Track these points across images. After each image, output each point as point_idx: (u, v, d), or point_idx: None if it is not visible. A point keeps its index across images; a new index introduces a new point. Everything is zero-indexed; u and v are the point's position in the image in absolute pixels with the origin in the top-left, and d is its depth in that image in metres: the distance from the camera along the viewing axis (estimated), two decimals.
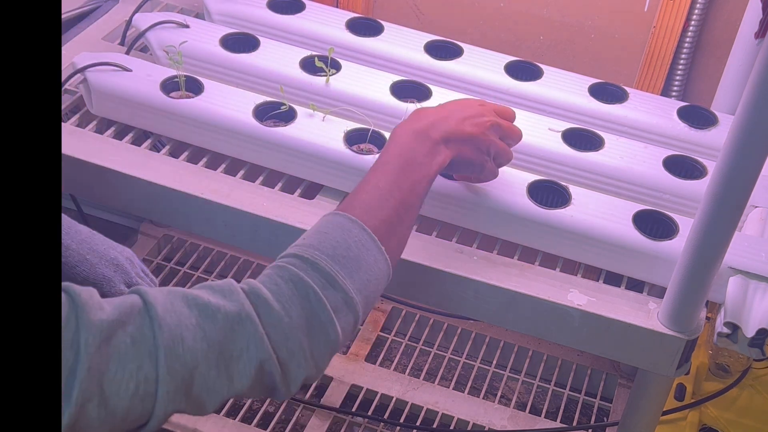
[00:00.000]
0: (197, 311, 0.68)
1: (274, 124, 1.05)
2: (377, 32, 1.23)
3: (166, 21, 1.18)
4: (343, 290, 0.75)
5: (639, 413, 1.04)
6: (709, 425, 1.41)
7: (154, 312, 0.66)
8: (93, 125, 1.10)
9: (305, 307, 0.73)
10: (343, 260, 0.75)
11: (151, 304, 0.67)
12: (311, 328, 0.73)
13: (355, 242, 0.77)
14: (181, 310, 0.68)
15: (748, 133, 0.75)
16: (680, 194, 1.04)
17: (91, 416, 0.62)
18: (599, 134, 1.10)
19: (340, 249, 0.76)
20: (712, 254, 0.84)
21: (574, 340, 0.97)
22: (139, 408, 0.65)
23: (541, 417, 1.49)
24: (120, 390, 0.63)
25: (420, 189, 0.85)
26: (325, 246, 0.76)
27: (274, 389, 0.73)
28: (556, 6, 1.38)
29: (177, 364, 0.66)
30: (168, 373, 0.65)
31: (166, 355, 0.65)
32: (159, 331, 0.65)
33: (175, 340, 0.66)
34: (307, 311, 0.73)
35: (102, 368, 0.62)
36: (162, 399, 0.65)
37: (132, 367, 0.64)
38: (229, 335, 0.69)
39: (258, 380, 0.71)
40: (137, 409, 0.65)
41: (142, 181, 1.02)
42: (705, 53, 1.36)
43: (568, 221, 0.98)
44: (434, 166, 0.86)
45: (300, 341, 0.72)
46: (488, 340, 1.62)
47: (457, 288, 0.97)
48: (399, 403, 1.50)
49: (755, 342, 0.91)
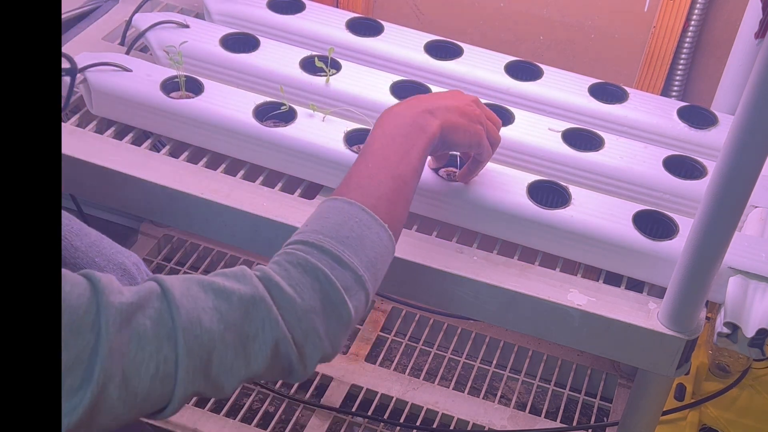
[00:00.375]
0: (213, 294, 0.70)
1: (274, 124, 1.05)
2: (377, 32, 1.23)
3: (166, 21, 1.18)
4: (351, 269, 0.76)
5: (639, 413, 1.04)
6: (709, 425, 1.41)
7: (171, 296, 0.67)
8: (93, 125, 1.10)
9: (316, 289, 0.74)
10: (347, 240, 0.77)
11: (168, 289, 0.68)
12: (324, 308, 0.74)
13: (356, 222, 0.78)
14: (198, 294, 0.69)
15: (748, 133, 0.75)
16: (680, 194, 1.04)
17: (112, 397, 0.63)
18: (599, 134, 1.10)
19: (342, 230, 0.77)
20: (712, 254, 0.84)
21: (574, 340, 0.97)
22: (159, 389, 0.66)
23: (541, 417, 1.49)
24: (140, 371, 0.65)
25: (412, 159, 0.85)
26: (328, 229, 0.77)
27: (291, 370, 0.74)
28: (556, 6, 1.38)
29: (195, 346, 0.67)
30: (187, 354, 0.66)
31: (185, 337, 0.66)
32: (177, 314, 0.67)
33: (192, 322, 0.67)
34: (319, 292, 0.74)
35: (123, 349, 0.63)
36: (181, 380, 0.67)
37: (152, 349, 0.65)
38: (244, 317, 0.70)
39: (275, 361, 0.72)
40: (157, 391, 0.66)
41: (142, 181, 1.02)
42: (705, 53, 1.36)
43: (568, 221, 0.98)
44: (423, 136, 0.86)
45: (314, 322, 0.73)
46: (488, 340, 1.62)
47: (457, 288, 0.97)
48: (399, 403, 1.50)
49: (755, 342, 0.91)
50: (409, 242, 0.99)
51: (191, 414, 1.43)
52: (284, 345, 0.72)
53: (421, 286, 0.98)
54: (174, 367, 0.66)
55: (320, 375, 1.53)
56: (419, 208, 1.02)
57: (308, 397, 1.52)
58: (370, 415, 1.48)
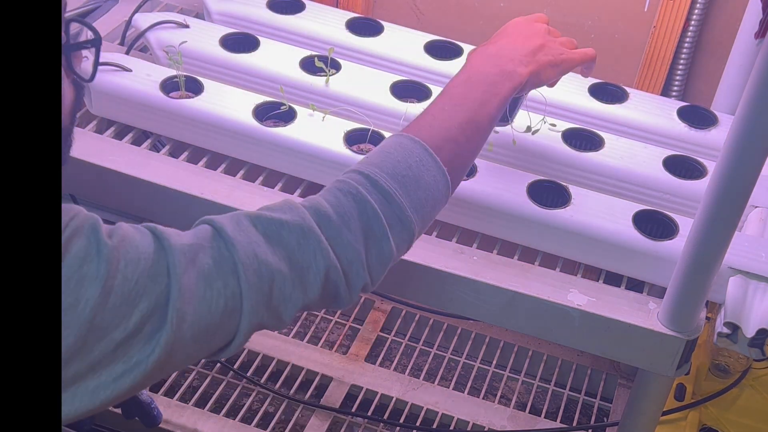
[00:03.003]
0: (263, 228, 0.72)
1: (274, 124, 1.05)
2: (377, 32, 1.23)
3: (166, 21, 1.18)
4: (400, 208, 0.77)
5: (639, 413, 1.03)
6: (709, 425, 1.41)
7: (225, 234, 0.69)
8: (93, 125, 1.10)
9: (363, 220, 0.76)
10: (402, 179, 0.78)
11: (221, 227, 0.70)
12: (367, 240, 0.76)
13: (416, 161, 0.79)
14: (249, 228, 0.71)
15: (748, 133, 0.75)
16: (680, 194, 1.04)
17: (185, 337, 0.65)
18: (599, 134, 1.10)
19: (400, 168, 0.78)
20: (712, 254, 0.84)
21: (574, 340, 0.97)
22: (227, 324, 0.68)
23: (541, 417, 1.49)
24: (211, 308, 0.67)
25: (491, 108, 0.85)
26: (387, 165, 0.78)
27: (337, 296, 0.76)
28: (556, 6, 1.38)
29: (256, 279, 0.69)
30: (250, 287, 0.69)
31: (245, 271, 0.68)
32: (234, 250, 0.69)
33: (249, 256, 0.69)
34: (364, 224, 0.76)
35: (192, 288, 0.66)
36: (247, 312, 0.69)
37: (219, 285, 0.67)
38: (296, 248, 0.72)
39: (326, 289, 0.75)
40: (226, 326, 0.68)
41: (142, 181, 1.02)
42: (705, 53, 1.36)
43: (568, 221, 0.98)
44: (508, 85, 0.86)
45: (358, 251, 0.75)
46: (488, 340, 1.62)
47: (457, 288, 0.97)
48: (399, 404, 1.50)
49: (755, 342, 0.91)
50: None
51: (191, 414, 1.43)
52: (334, 273, 0.74)
53: (421, 286, 0.98)
54: (239, 301, 0.68)
55: (320, 375, 1.53)
56: None
57: (308, 397, 1.52)
58: (370, 416, 1.48)
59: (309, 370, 1.54)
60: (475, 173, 1.02)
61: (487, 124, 0.85)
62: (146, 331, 0.64)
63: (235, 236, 0.69)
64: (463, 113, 0.83)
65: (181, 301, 0.65)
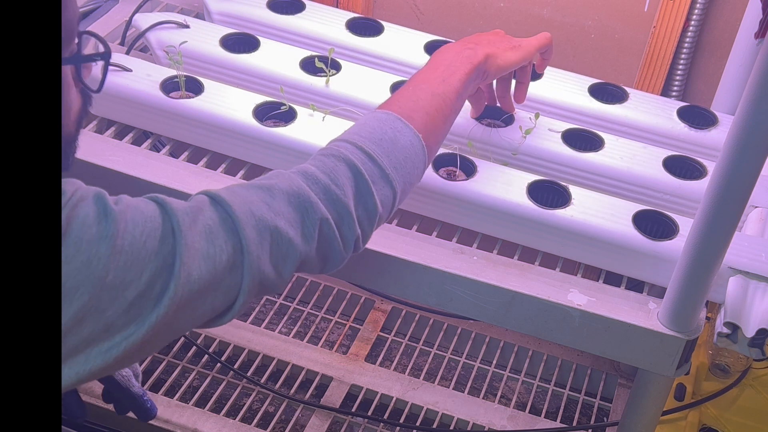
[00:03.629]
0: (255, 191, 0.76)
1: (274, 125, 1.05)
2: (377, 32, 1.23)
3: (166, 21, 1.18)
4: (380, 166, 0.83)
5: (639, 413, 1.03)
6: (709, 425, 1.41)
7: (221, 198, 0.73)
8: (93, 125, 1.10)
9: (348, 176, 0.81)
10: (380, 142, 0.84)
11: (215, 194, 0.74)
12: (354, 194, 0.81)
13: (390, 128, 0.85)
14: (243, 192, 0.75)
15: (748, 133, 0.75)
16: (680, 194, 1.04)
17: (192, 292, 0.69)
18: (599, 134, 1.10)
19: (376, 134, 0.85)
20: (712, 254, 0.84)
21: (574, 340, 0.97)
22: (230, 280, 0.72)
23: (541, 417, 1.49)
24: (215, 263, 0.70)
25: (453, 81, 0.91)
26: (364, 131, 0.85)
27: (332, 251, 0.81)
28: (556, 6, 1.38)
29: (254, 234, 0.73)
30: (250, 242, 0.72)
31: (244, 228, 0.72)
32: (231, 210, 0.72)
33: (246, 215, 0.73)
34: (351, 179, 0.81)
35: (196, 246, 0.69)
36: (248, 268, 0.72)
37: (220, 241, 0.71)
38: (288, 204, 0.77)
39: (320, 243, 0.79)
40: (229, 282, 0.72)
41: (142, 181, 1.02)
42: (705, 53, 1.36)
43: (568, 221, 0.98)
44: (466, 63, 0.93)
45: (347, 205, 0.80)
46: (488, 340, 1.62)
47: (457, 288, 0.97)
48: (399, 404, 1.50)
49: (755, 342, 0.91)
50: (409, 242, 1.00)
51: (191, 414, 1.43)
52: (326, 226, 0.79)
53: (421, 286, 0.98)
54: (241, 256, 0.72)
55: (320, 375, 1.53)
56: (419, 208, 1.02)
57: (308, 397, 1.52)
58: (370, 416, 1.47)
59: (309, 370, 1.54)
60: (475, 173, 1.02)
61: (453, 97, 0.91)
62: (156, 289, 0.66)
63: (231, 198, 0.73)
64: (427, 89, 0.90)
65: (188, 257, 0.68)
